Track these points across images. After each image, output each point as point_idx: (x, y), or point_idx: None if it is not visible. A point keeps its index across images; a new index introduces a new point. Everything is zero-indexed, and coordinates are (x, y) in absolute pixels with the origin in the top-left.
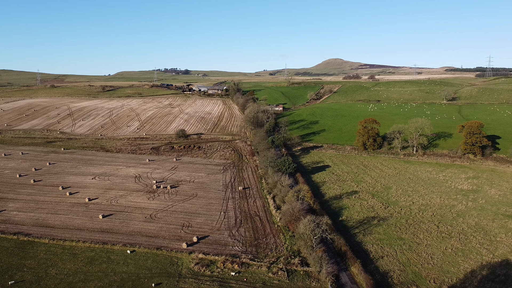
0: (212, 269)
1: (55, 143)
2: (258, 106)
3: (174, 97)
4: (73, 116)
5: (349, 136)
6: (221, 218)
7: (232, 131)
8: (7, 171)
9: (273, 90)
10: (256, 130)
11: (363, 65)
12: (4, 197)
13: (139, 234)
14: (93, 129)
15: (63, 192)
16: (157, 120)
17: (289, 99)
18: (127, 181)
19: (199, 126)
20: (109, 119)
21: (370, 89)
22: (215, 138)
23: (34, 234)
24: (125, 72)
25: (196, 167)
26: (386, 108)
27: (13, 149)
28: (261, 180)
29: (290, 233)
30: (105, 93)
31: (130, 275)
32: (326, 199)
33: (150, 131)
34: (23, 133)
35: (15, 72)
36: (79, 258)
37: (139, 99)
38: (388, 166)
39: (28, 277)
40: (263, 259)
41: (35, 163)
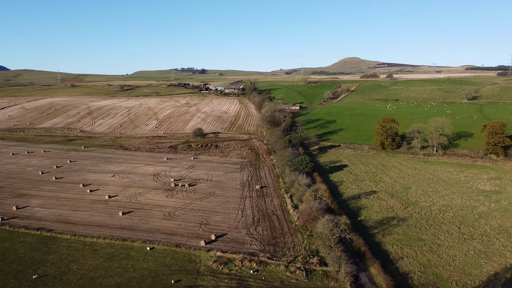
0: (230, 267)
1: (75, 141)
2: (274, 105)
3: (191, 96)
4: (93, 115)
5: (367, 135)
6: (239, 216)
7: (249, 130)
8: (29, 168)
9: (290, 89)
10: (272, 129)
11: (381, 63)
12: (28, 194)
13: (158, 231)
14: (112, 127)
15: (83, 189)
16: (175, 119)
17: (305, 98)
18: (145, 179)
19: (216, 125)
20: (127, 118)
21: (388, 88)
22: (232, 137)
23: (56, 230)
24: (142, 72)
25: (213, 166)
26: (405, 107)
27: (36, 147)
28: (278, 179)
29: (308, 232)
30: (123, 92)
31: (150, 271)
32: (344, 198)
33: (167, 130)
34: (44, 131)
35: (37, 71)
36: (99, 254)
37: (157, 98)
38: (407, 166)
39: (51, 271)
40: (281, 258)
41: (57, 160)
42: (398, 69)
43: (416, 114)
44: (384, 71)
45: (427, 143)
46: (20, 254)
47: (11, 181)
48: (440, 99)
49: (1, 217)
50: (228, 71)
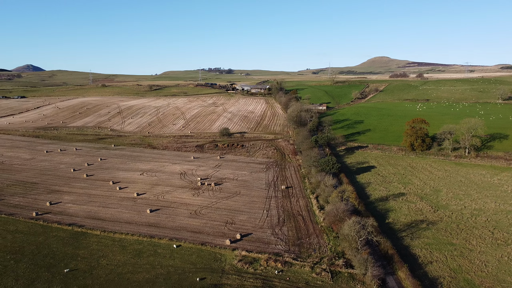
0: (255, 267)
1: (105, 140)
2: (301, 105)
3: (218, 96)
4: (122, 114)
5: (395, 136)
6: (264, 216)
7: (275, 130)
8: (62, 166)
9: (316, 89)
10: (299, 129)
11: (411, 63)
12: (60, 190)
13: (184, 229)
14: (140, 127)
15: (113, 186)
16: (202, 119)
17: (332, 98)
18: (173, 177)
19: (242, 124)
20: (155, 117)
21: (418, 88)
22: (258, 136)
23: (87, 226)
24: (170, 72)
25: (239, 165)
26: (436, 107)
27: (68, 145)
28: (304, 179)
29: (334, 233)
30: (152, 92)
31: (176, 268)
32: (371, 200)
33: (194, 129)
34: (76, 130)
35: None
36: (128, 250)
37: (184, 98)
38: (438, 168)
39: (82, 266)
40: (306, 259)
41: (88, 158)
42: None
43: (447, 114)
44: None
45: (459, 144)
46: (53, 248)
47: (45, 177)
48: (473, 99)
49: (35, 212)
50: (254, 71)
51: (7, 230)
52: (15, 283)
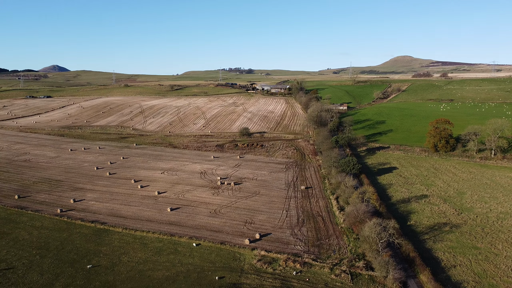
0: (274, 267)
1: (128, 139)
2: (321, 105)
3: (238, 96)
4: (144, 114)
5: (418, 137)
6: (283, 216)
7: (295, 130)
8: (86, 164)
9: (337, 88)
10: (319, 129)
11: (434, 62)
12: (84, 188)
13: (204, 228)
14: (162, 126)
15: (135, 185)
16: (222, 118)
17: (353, 98)
18: (193, 176)
19: (262, 124)
20: (176, 117)
21: (442, 87)
22: (278, 136)
23: (109, 223)
24: (191, 72)
25: (258, 165)
26: (460, 108)
27: (91, 143)
28: (324, 180)
29: (354, 235)
30: (173, 92)
31: (196, 267)
32: (393, 202)
33: (215, 129)
34: (99, 129)
35: (94, 72)
36: (148, 248)
37: (205, 98)
38: (462, 170)
39: (104, 262)
40: (326, 260)
41: (110, 157)
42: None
43: (473, 115)
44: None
45: (484, 146)
46: (76, 244)
47: (69, 175)
48: (499, 100)
49: (60, 209)
50: (274, 70)
51: (33, 226)
52: (40, 278)
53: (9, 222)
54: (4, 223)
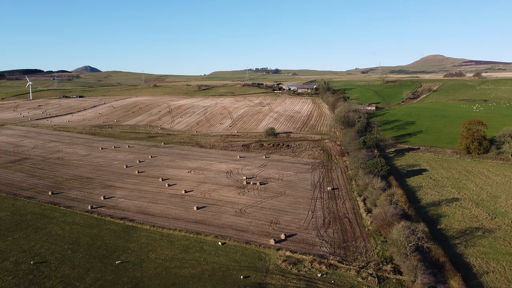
0: (299, 268)
1: (156, 138)
2: (349, 105)
3: (264, 96)
4: (172, 114)
5: (449, 138)
6: (309, 217)
7: (321, 130)
8: (116, 162)
9: (365, 88)
10: (346, 129)
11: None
12: (113, 185)
13: (229, 227)
14: (189, 125)
15: (162, 183)
16: (248, 118)
17: (382, 98)
18: (219, 176)
19: (288, 124)
20: (203, 116)
21: (476, 87)
22: (304, 137)
23: (137, 220)
24: (218, 72)
25: (284, 165)
26: (495, 108)
27: (121, 142)
28: (351, 181)
29: (381, 238)
30: (200, 92)
31: (221, 266)
32: (422, 205)
33: (241, 129)
34: (129, 128)
35: (124, 73)
36: (175, 246)
37: (231, 98)
38: (496, 173)
39: (132, 258)
40: (352, 263)
41: (139, 155)
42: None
43: (508, 116)
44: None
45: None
46: (105, 240)
47: (100, 173)
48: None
49: (90, 206)
50: (301, 70)
51: (66, 221)
52: (71, 272)
53: (43, 217)
54: (39, 218)
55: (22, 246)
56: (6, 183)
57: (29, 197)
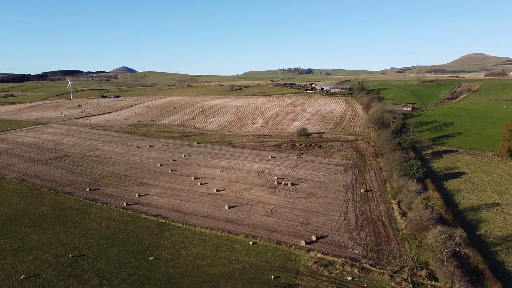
0: (330, 270)
1: (189, 137)
2: (383, 106)
3: (296, 96)
4: (205, 113)
5: (491, 140)
6: (341, 219)
7: (355, 131)
8: (150, 160)
9: (401, 88)
10: (380, 130)
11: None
12: (148, 183)
13: (260, 227)
14: (221, 125)
15: (195, 182)
16: (280, 119)
17: (419, 99)
18: (250, 175)
19: (321, 125)
20: (236, 116)
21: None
22: (337, 137)
23: (171, 218)
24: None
25: (316, 166)
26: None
27: (156, 141)
28: (385, 183)
29: (416, 242)
30: (233, 92)
31: (251, 265)
32: (460, 209)
33: (273, 129)
34: (163, 128)
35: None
36: (206, 244)
37: (264, 98)
38: None
39: (165, 255)
40: (385, 267)
41: (173, 154)
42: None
43: None
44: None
45: None
46: (140, 237)
47: (135, 171)
48: None
49: (126, 202)
50: (334, 70)
51: (102, 217)
52: (107, 266)
53: (81, 213)
54: (77, 213)
55: (62, 240)
56: (48, 179)
57: (68, 193)
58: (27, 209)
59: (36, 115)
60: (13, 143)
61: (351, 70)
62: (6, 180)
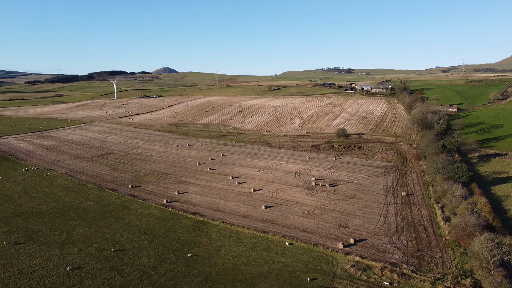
0: (368, 274)
1: (227, 137)
2: (427, 106)
3: (335, 96)
4: (243, 113)
5: None
6: (381, 223)
7: (396, 132)
8: (189, 159)
9: (446, 88)
10: (423, 132)
11: None
12: (187, 181)
13: (297, 228)
14: (259, 125)
15: (232, 181)
16: (318, 119)
17: (465, 99)
18: (287, 176)
19: (360, 126)
20: (273, 116)
21: None
22: (377, 139)
23: (208, 216)
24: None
25: (355, 168)
26: None
27: (195, 140)
28: (428, 187)
29: (460, 249)
30: (271, 92)
31: (287, 266)
32: (510, 216)
33: (311, 129)
34: (202, 127)
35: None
36: (243, 243)
37: (302, 98)
38: None
39: (202, 252)
40: (427, 274)
41: (211, 153)
42: None
43: None
44: None
45: None
46: (179, 234)
47: (175, 169)
48: None
49: (166, 200)
50: (375, 70)
51: (143, 213)
52: (147, 261)
53: (124, 209)
54: (120, 209)
55: (105, 234)
56: (93, 175)
57: (112, 189)
58: (73, 204)
59: (83, 114)
60: (61, 141)
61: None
62: (55, 175)
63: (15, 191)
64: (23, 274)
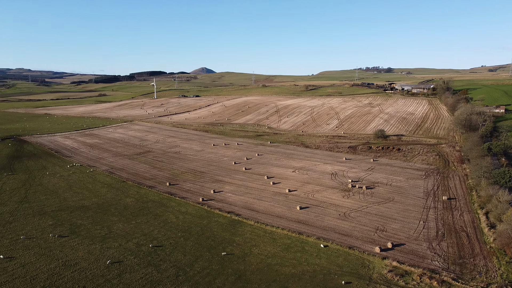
0: (406, 280)
1: (263, 137)
2: (471, 107)
3: (374, 96)
4: (279, 113)
5: None
6: (420, 227)
7: (438, 134)
8: (225, 158)
9: (493, 88)
10: (467, 134)
11: None
12: (223, 180)
13: (332, 230)
14: (295, 125)
15: (267, 181)
16: (356, 119)
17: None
18: (323, 177)
19: (400, 127)
20: (310, 116)
21: None
22: (417, 140)
23: (243, 215)
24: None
25: (394, 170)
26: None
27: (231, 139)
28: (471, 191)
29: (507, 258)
30: (307, 92)
31: (322, 268)
32: None
33: (348, 130)
34: (238, 127)
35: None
36: (277, 243)
37: (339, 98)
38: None
39: (236, 251)
40: (469, 282)
41: (247, 153)
42: None
43: None
44: None
45: None
46: (214, 232)
47: (211, 168)
48: None
49: (202, 198)
50: (417, 69)
51: (180, 211)
52: (183, 258)
53: (161, 206)
54: (158, 206)
55: (143, 230)
56: (133, 172)
57: (150, 186)
58: (114, 200)
59: (124, 113)
60: (104, 139)
61: (435, 69)
62: (98, 172)
63: (60, 186)
64: (66, 266)
